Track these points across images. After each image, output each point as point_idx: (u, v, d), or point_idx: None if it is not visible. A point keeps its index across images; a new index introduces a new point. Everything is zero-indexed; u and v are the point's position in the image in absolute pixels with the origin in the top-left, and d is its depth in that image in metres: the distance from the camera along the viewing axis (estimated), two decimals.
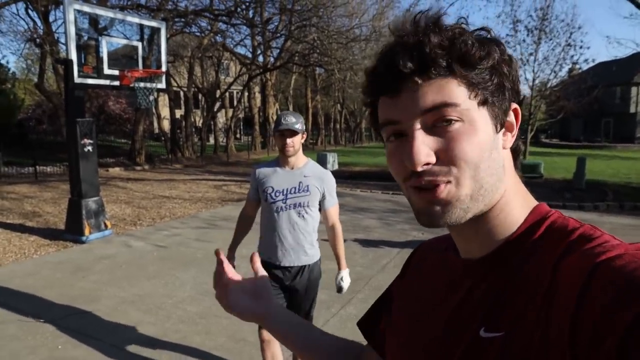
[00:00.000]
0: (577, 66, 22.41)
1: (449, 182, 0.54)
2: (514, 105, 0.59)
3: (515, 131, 0.60)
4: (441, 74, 0.53)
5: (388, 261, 5.72)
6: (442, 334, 0.60)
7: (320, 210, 2.73)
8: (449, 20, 0.57)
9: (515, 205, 0.59)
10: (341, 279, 2.76)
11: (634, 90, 34.94)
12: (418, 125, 0.54)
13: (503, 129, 0.58)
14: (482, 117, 0.55)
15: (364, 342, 0.85)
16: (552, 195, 10.82)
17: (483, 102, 0.55)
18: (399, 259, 5.79)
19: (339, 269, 2.79)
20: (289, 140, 2.53)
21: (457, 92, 0.53)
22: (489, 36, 0.57)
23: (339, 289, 2.78)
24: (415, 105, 0.54)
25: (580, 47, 25.43)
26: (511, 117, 0.59)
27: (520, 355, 0.49)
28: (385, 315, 0.78)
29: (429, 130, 0.54)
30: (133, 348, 3.47)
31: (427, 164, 0.53)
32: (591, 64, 23.71)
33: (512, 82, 0.57)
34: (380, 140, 0.64)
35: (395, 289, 0.79)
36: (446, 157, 0.53)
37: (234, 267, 2.83)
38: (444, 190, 0.54)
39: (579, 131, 38.74)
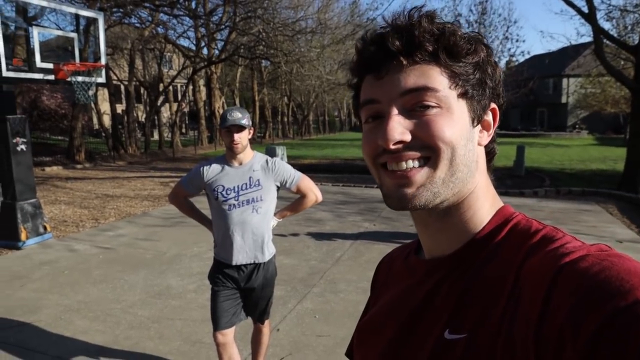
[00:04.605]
0: (514, 59, 23.47)
1: (424, 163, 0.54)
2: (493, 105, 0.60)
3: (492, 131, 0.62)
4: (426, 59, 0.54)
5: (341, 254, 5.74)
6: (400, 336, 0.60)
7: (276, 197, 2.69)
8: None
9: (484, 205, 0.60)
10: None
11: (565, 81, 37.06)
12: (396, 106, 0.54)
13: (479, 125, 0.59)
14: (460, 108, 0.55)
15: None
16: (494, 182, 11.26)
17: (463, 94, 0.56)
18: (352, 251, 5.84)
19: (274, 215, 2.73)
20: (236, 136, 2.48)
21: (439, 79, 0.54)
22: (478, 37, 0.59)
23: None
24: (397, 85, 0.54)
25: (517, 41, 27.42)
26: (489, 116, 0.61)
27: (483, 358, 0.48)
28: None
29: (407, 113, 0.54)
30: (81, 359, 3.28)
31: (402, 142, 0.53)
32: (527, 56, 24.95)
33: (494, 83, 0.59)
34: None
35: (368, 308, 0.78)
36: (423, 135, 0.53)
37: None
38: (420, 171, 0.54)
39: (517, 121, 40.70)
